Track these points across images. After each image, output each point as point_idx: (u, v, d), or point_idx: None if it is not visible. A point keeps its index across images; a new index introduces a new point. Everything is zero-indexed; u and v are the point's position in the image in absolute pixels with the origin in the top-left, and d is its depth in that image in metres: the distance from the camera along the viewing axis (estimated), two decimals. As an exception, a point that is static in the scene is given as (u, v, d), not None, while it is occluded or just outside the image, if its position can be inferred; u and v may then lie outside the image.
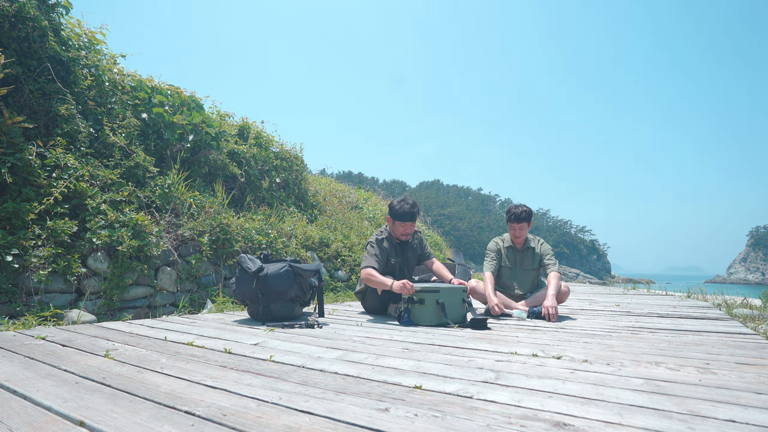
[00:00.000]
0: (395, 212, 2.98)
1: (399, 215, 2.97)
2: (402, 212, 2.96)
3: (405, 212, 2.96)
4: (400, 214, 2.96)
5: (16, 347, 1.71)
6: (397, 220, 2.99)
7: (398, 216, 2.98)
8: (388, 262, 3.02)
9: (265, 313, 2.61)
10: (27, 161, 3.18)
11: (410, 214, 2.96)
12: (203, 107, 5.47)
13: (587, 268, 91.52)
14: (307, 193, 7.20)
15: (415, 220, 3.01)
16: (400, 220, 2.98)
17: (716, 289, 6.07)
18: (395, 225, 3.02)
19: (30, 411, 1.01)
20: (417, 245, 3.25)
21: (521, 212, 3.19)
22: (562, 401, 1.11)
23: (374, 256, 2.92)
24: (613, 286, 10.86)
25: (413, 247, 3.22)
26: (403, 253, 3.14)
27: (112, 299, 3.28)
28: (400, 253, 3.12)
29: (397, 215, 2.98)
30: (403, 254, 3.14)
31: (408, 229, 3.02)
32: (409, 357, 1.66)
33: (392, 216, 3.01)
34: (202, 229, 4.15)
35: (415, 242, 3.23)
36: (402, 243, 3.14)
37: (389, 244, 3.06)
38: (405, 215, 2.96)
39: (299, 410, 1.02)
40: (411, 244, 3.20)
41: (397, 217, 2.98)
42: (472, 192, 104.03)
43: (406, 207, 2.97)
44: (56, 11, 3.97)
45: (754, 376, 1.37)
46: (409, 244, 3.18)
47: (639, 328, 2.53)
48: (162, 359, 1.56)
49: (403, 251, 3.15)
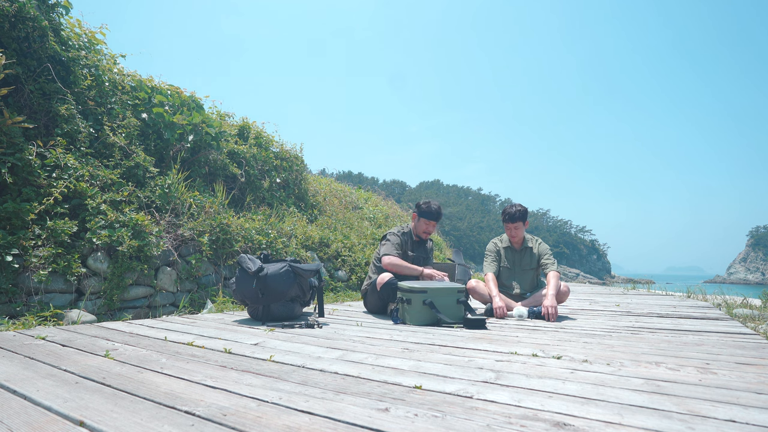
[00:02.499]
0: (423, 211, 3.24)
1: (426, 213, 3.22)
2: (429, 211, 3.22)
3: (432, 211, 3.22)
4: (427, 212, 3.22)
5: (16, 347, 1.71)
6: (423, 217, 3.23)
7: (425, 214, 3.22)
8: (406, 255, 3.22)
9: (265, 313, 2.61)
10: (27, 161, 3.18)
11: (437, 214, 3.23)
12: (203, 107, 5.47)
13: (587, 268, 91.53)
14: (307, 193, 7.20)
15: (438, 220, 3.25)
16: (425, 218, 3.23)
17: (716, 289, 6.06)
18: (420, 222, 3.26)
19: (30, 411, 1.01)
20: (430, 250, 3.46)
21: (515, 212, 3.23)
22: (562, 401, 1.11)
23: (395, 246, 3.15)
24: (613, 286, 10.86)
25: (426, 249, 3.41)
26: (418, 250, 3.33)
27: (112, 299, 3.28)
28: (416, 249, 3.32)
29: (423, 213, 3.23)
30: (418, 251, 3.33)
31: (430, 228, 3.26)
32: (409, 357, 1.66)
33: (419, 213, 3.25)
34: (202, 229, 4.15)
35: (429, 246, 3.45)
36: (419, 242, 3.35)
37: (409, 238, 3.30)
38: (432, 214, 3.22)
39: (299, 410, 1.02)
40: (426, 247, 3.40)
41: (424, 215, 3.23)
42: (472, 192, 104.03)
43: (434, 207, 3.25)
44: (56, 11, 3.97)
45: (754, 376, 1.37)
46: (425, 246, 3.39)
47: (639, 328, 2.53)
48: (162, 359, 1.56)
49: (420, 249, 3.35)
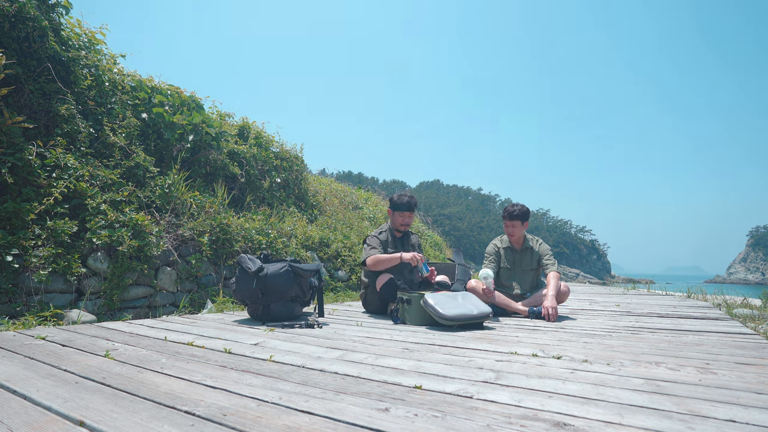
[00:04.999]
0: (394, 203, 3.25)
1: (398, 206, 3.23)
2: (400, 203, 3.22)
3: (403, 203, 3.22)
4: (399, 204, 3.23)
5: (16, 347, 1.71)
6: (396, 210, 3.24)
7: (397, 206, 3.23)
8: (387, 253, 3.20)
9: (265, 313, 2.61)
10: (27, 161, 3.18)
11: (408, 205, 3.22)
12: (203, 107, 5.47)
13: (587, 268, 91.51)
14: (307, 193, 7.20)
15: (412, 210, 3.26)
16: (398, 210, 3.23)
17: (716, 289, 6.06)
18: (395, 215, 3.26)
19: (30, 411, 1.01)
20: (416, 245, 3.42)
21: (514, 210, 3.24)
22: (562, 401, 1.11)
23: (374, 248, 3.14)
24: (613, 286, 10.86)
25: (412, 246, 3.38)
26: (402, 247, 3.31)
27: (112, 299, 3.28)
28: (399, 246, 3.30)
29: (396, 206, 3.24)
30: (402, 248, 3.31)
31: (406, 219, 3.26)
32: (409, 357, 1.66)
33: (392, 207, 3.26)
34: (202, 229, 4.15)
35: (413, 242, 3.41)
36: (401, 238, 3.33)
37: (389, 236, 3.29)
38: (403, 206, 3.22)
39: (299, 410, 1.02)
40: (410, 243, 3.37)
41: (396, 208, 3.23)
42: (472, 192, 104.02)
43: (404, 198, 3.25)
44: (56, 11, 3.97)
45: (754, 376, 1.37)
46: (409, 242, 3.36)
47: (639, 328, 2.53)
48: (162, 359, 1.56)
49: (402, 245, 3.32)
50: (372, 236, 3.25)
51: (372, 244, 3.16)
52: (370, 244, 3.18)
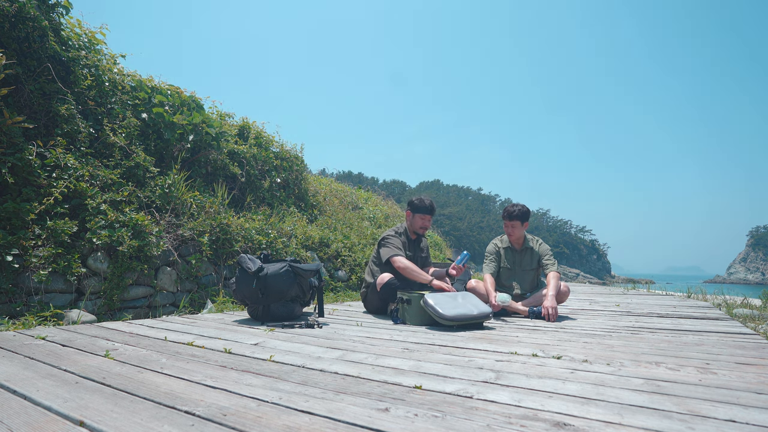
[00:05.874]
0: (416, 206, 3.27)
1: (419, 208, 3.26)
2: (422, 206, 3.26)
3: (425, 206, 3.26)
4: (421, 207, 3.26)
5: (16, 347, 1.71)
6: (417, 213, 3.26)
7: (419, 209, 3.26)
8: (406, 256, 3.20)
9: (265, 313, 2.61)
10: (27, 161, 3.18)
11: (430, 208, 3.27)
12: (203, 107, 5.47)
13: (587, 268, 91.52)
14: (307, 193, 7.20)
15: (432, 214, 3.30)
16: (420, 213, 3.26)
17: (716, 289, 6.06)
18: (415, 218, 3.28)
19: (30, 411, 1.01)
20: (425, 248, 3.44)
21: (514, 210, 3.24)
22: (562, 401, 1.11)
23: (398, 248, 3.15)
24: (613, 286, 10.86)
25: (422, 249, 3.40)
26: (414, 250, 3.33)
27: (112, 299, 3.28)
28: (412, 249, 3.32)
29: (417, 209, 3.27)
30: (415, 251, 3.33)
31: (426, 222, 3.29)
32: (409, 357, 1.66)
33: (413, 210, 3.29)
34: (202, 229, 4.15)
35: (424, 245, 3.44)
36: (415, 241, 3.35)
37: (406, 238, 3.30)
38: (425, 209, 3.25)
39: (299, 410, 1.02)
40: (420, 246, 3.39)
41: (418, 210, 3.26)
42: (472, 192, 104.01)
43: (426, 202, 3.29)
44: (56, 11, 3.96)
45: (754, 376, 1.37)
46: (419, 245, 3.38)
47: (639, 328, 2.53)
48: (162, 359, 1.56)
49: (414, 249, 3.34)
50: (393, 236, 3.23)
51: (397, 245, 3.15)
52: (393, 243, 3.16)
